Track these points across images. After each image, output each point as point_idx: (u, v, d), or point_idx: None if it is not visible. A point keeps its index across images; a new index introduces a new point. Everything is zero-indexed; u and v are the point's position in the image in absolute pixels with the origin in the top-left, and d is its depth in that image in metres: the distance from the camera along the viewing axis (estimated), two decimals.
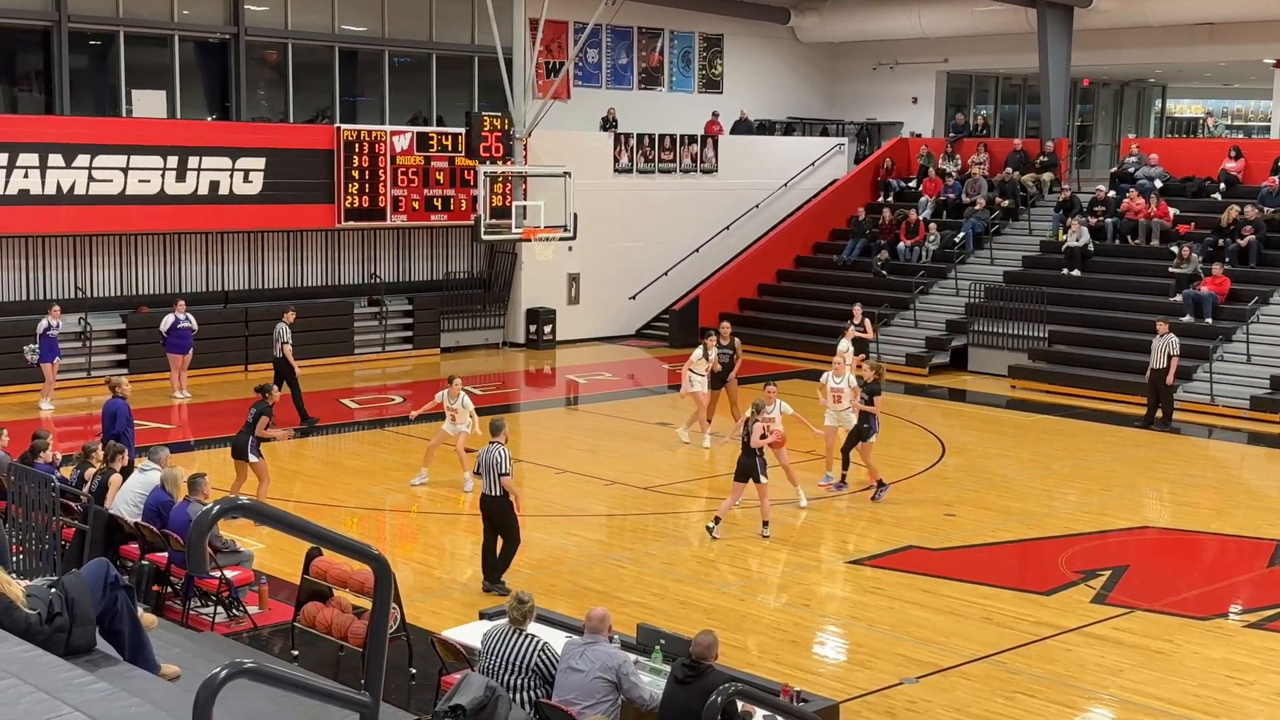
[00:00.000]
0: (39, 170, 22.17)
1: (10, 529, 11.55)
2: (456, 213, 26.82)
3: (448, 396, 16.53)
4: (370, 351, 26.28)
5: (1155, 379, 20.79)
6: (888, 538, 14.72)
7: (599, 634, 8.31)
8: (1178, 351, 20.69)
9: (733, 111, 32.91)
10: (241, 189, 24.35)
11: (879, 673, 10.85)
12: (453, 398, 16.48)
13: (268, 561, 12.71)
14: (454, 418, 16.50)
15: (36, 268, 23.23)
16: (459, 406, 16.47)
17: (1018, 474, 18.00)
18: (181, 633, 9.59)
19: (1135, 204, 26.70)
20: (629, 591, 12.99)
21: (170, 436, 18.85)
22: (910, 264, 28.42)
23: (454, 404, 16.48)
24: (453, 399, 16.48)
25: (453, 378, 17.01)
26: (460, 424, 16.50)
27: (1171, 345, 20.63)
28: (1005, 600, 12.71)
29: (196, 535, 4.31)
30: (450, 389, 16.57)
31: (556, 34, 29.81)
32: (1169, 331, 20.86)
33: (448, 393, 16.57)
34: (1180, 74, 37.69)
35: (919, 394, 23.96)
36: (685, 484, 16.82)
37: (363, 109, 28.15)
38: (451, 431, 16.57)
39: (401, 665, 10.34)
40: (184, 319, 21.70)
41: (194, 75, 26.26)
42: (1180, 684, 10.74)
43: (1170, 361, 20.54)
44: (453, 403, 16.48)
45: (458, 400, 16.47)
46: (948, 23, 32.09)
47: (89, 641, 5.81)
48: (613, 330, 29.44)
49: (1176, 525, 15.84)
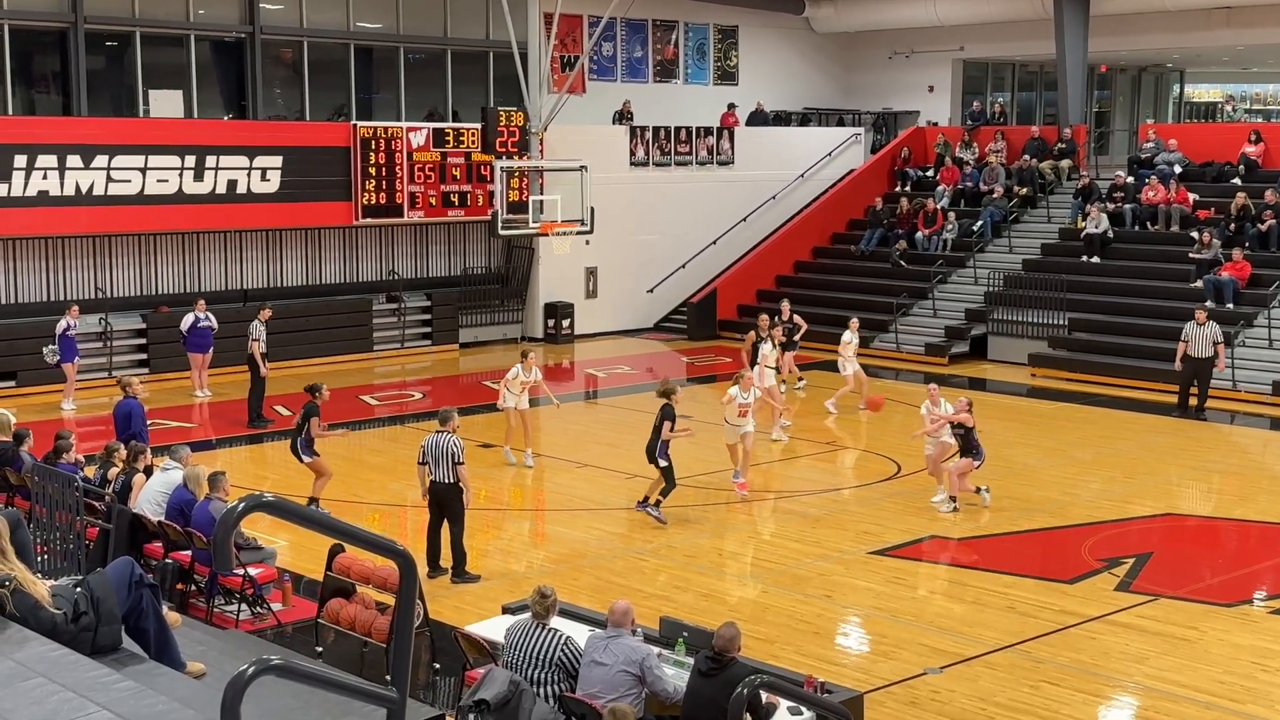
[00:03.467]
0: (58, 171, 22.26)
1: (35, 529, 11.61)
2: (473, 208, 26.84)
3: (522, 371, 17.09)
4: (389, 348, 26.32)
5: (1197, 368, 20.58)
6: (909, 528, 14.69)
7: (622, 627, 8.31)
8: (1222, 339, 20.71)
9: (748, 103, 32.85)
10: (259, 187, 24.41)
11: (903, 663, 10.83)
12: (527, 371, 17.11)
13: (291, 558, 12.76)
14: (526, 389, 17.16)
15: (56, 269, 23.33)
16: (533, 378, 17.20)
17: (1039, 462, 17.94)
18: (206, 630, 9.61)
19: (1155, 190, 26.58)
20: (651, 584, 13.00)
21: (191, 435, 18.93)
22: (928, 253, 28.34)
23: (529, 377, 17.13)
24: (528, 372, 17.11)
25: (526, 351, 17.62)
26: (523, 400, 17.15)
27: (1216, 333, 20.60)
28: (1028, 589, 12.68)
29: (222, 533, 4.32)
30: (524, 363, 17.15)
31: (571, 28, 29.79)
32: (1209, 320, 20.78)
33: (521, 367, 17.13)
34: (1198, 58, 37.47)
35: (939, 383, 23.84)
36: (705, 476, 16.80)
37: (378, 106, 28.19)
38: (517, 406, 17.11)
39: (425, 660, 10.37)
40: (204, 318, 21.75)
41: (210, 74, 26.33)
42: (1205, 671, 10.70)
43: (1217, 349, 20.49)
44: (528, 376, 17.11)
45: (532, 373, 17.17)
46: (963, 10, 31.95)
47: (115, 640, 5.84)
48: (631, 323, 29.43)
49: (1200, 512, 15.77)
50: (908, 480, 16.73)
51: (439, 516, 12.72)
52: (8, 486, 13.33)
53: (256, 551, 11.86)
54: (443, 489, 12.59)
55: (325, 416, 15.24)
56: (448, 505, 12.62)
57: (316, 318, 25.35)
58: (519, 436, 17.39)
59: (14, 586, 5.64)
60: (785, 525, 15.05)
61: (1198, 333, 20.58)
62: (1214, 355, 20.54)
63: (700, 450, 18.16)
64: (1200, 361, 20.57)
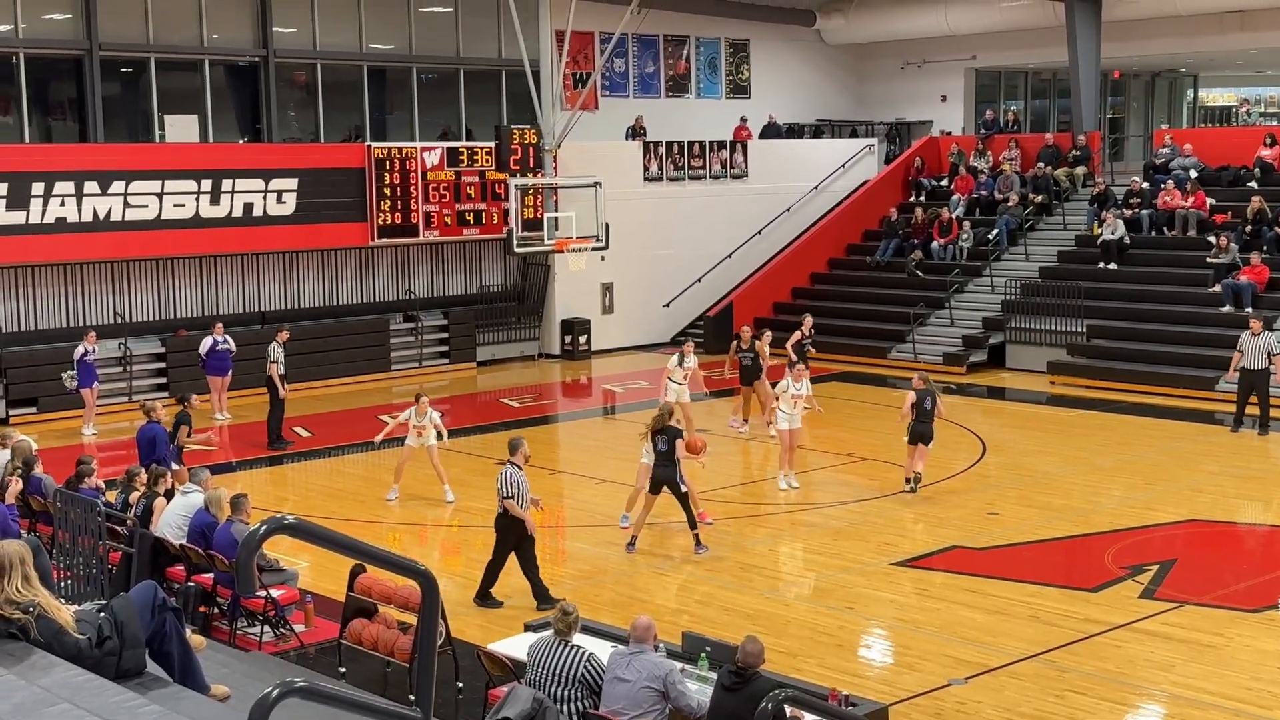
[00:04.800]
0: (75, 198, 22.38)
1: (58, 554, 11.65)
2: (489, 226, 26.90)
3: (415, 415, 16.43)
4: (407, 367, 26.37)
5: (1253, 380, 19.78)
6: (931, 538, 14.65)
7: (644, 643, 8.30)
8: (1277, 349, 19.74)
9: (761, 116, 32.88)
10: (275, 210, 24.52)
11: (927, 674, 10.78)
12: (420, 415, 16.41)
13: (312, 579, 12.77)
14: (420, 433, 16.43)
15: (76, 294, 23.44)
16: (427, 423, 16.41)
17: (1060, 470, 17.87)
18: (229, 653, 9.63)
19: (1172, 196, 26.50)
20: (673, 599, 12.98)
21: (212, 458, 18.97)
22: (944, 263, 28.30)
23: (421, 421, 16.40)
24: (420, 417, 16.40)
25: (420, 395, 16.91)
26: (427, 439, 16.45)
27: (1272, 343, 19.73)
28: (1052, 598, 12.62)
29: (245, 555, 4.33)
30: (418, 406, 16.47)
31: (582, 45, 29.88)
32: (1263, 329, 20.00)
33: (415, 410, 16.47)
34: (1212, 63, 37.36)
35: (958, 393, 23.83)
36: (724, 490, 16.79)
37: (392, 126, 28.30)
38: (416, 445, 16.51)
39: (448, 679, 10.36)
40: (222, 341, 21.81)
41: (225, 99, 26.47)
42: (1233, 678, 10.64)
43: (1272, 360, 19.65)
44: (420, 420, 16.40)
45: (425, 417, 16.40)
46: (975, 19, 31.96)
47: (139, 664, 5.84)
48: (648, 338, 29.43)
49: (1223, 517, 15.68)
50: (928, 490, 16.67)
51: (504, 548, 12.48)
52: (29, 512, 13.38)
53: (278, 573, 11.88)
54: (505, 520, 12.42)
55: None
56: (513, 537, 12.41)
57: (334, 338, 25.42)
58: None
59: (38, 613, 5.65)
60: (806, 537, 15.02)
61: (1252, 343, 19.80)
62: (1268, 367, 19.63)
63: (719, 464, 18.16)
64: (1255, 374, 19.71)
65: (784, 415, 16.89)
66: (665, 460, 13.94)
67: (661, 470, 13.94)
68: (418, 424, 16.41)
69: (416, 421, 16.41)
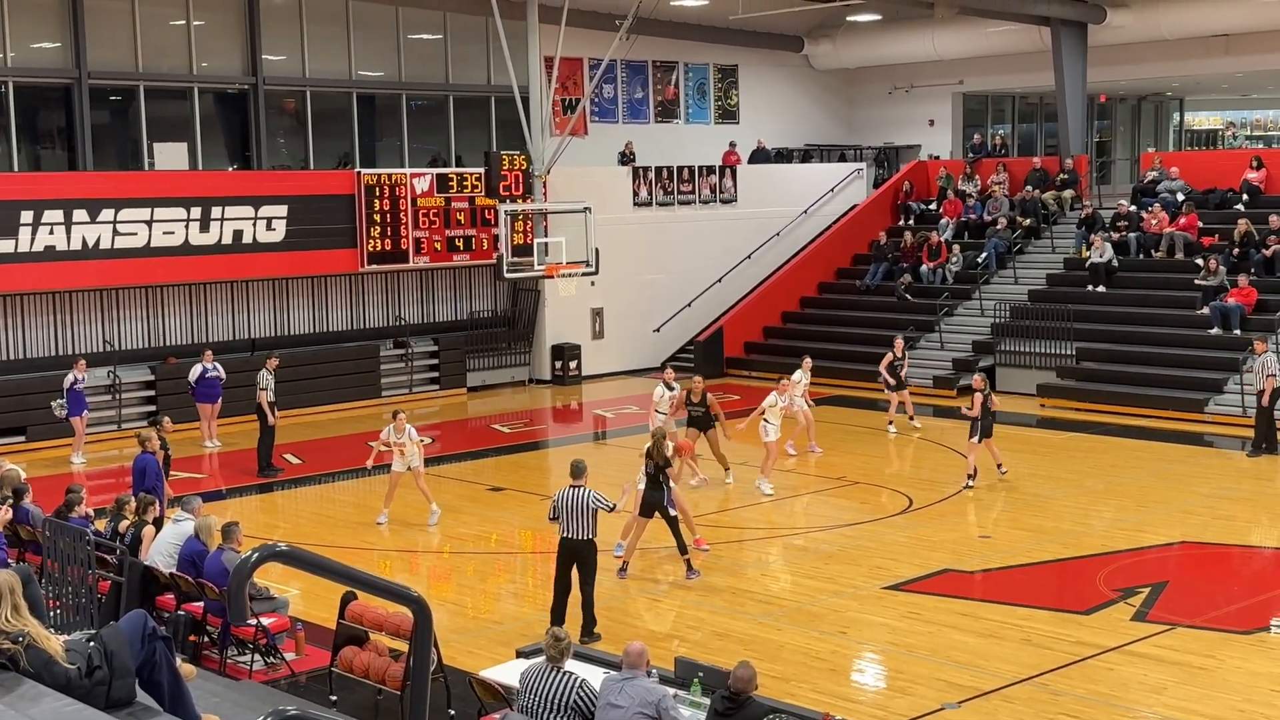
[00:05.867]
0: (64, 226, 22.35)
1: (47, 584, 11.59)
2: (479, 252, 26.92)
3: (393, 432, 16.37)
4: (397, 393, 26.34)
5: None
6: (923, 562, 14.63)
7: (637, 669, 8.27)
8: (1275, 370, 19.59)
9: (750, 141, 32.98)
10: (265, 237, 24.51)
11: (920, 699, 10.76)
12: (398, 432, 16.33)
13: (303, 607, 12.73)
14: (401, 452, 16.37)
15: (64, 323, 23.39)
16: (405, 440, 16.33)
17: (1051, 493, 17.88)
18: (220, 682, 9.58)
19: (1159, 218, 26.62)
20: (665, 625, 12.95)
21: (202, 486, 18.92)
22: (934, 286, 28.36)
23: (400, 438, 16.32)
24: (398, 434, 16.33)
25: (396, 412, 16.86)
26: (410, 458, 16.39)
27: (1269, 364, 19.63)
28: (1044, 621, 12.61)
29: (236, 583, 4.32)
30: (395, 424, 16.41)
31: (572, 71, 29.97)
32: (1267, 350, 20.01)
33: (393, 428, 16.41)
34: (1198, 86, 37.60)
35: (948, 416, 23.84)
36: (715, 515, 16.77)
37: (382, 152, 28.33)
38: (401, 468, 16.42)
39: (440, 706, 10.30)
40: (212, 368, 21.77)
41: (214, 126, 26.50)
42: (1225, 699, 10.63)
43: (1266, 382, 19.53)
44: (399, 437, 16.32)
45: (404, 434, 16.33)
46: (962, 44, 32.11)
47: (129, 694, 5.80)
48: (638, 363, 29.44)
49: (1214, 539, 15.69)
50: (919, 514, 16.68)
51: (569, 572, 12.26)
52: (18, 541, 13.33)
53: (269, 601, 11.83)
54: (578, 545, 12.18)
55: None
56: (584, 561, 12.21)
57: (324, 365, 25.40)
58: None
59: (27, 642, 5.62)
60: (798, 562, 15.00)
61: (1255, 364, 19.76)
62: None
63: (711, 489, 18.15)
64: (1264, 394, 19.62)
65: (772, 426, 17.59)
66: (655, 484, 13.92)
67: (651, 494, 13.92)
68: (397, 441, 16.34)
69: (395, 439, 16.35)
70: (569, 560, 12.25)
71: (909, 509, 17.03)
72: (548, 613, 12.40)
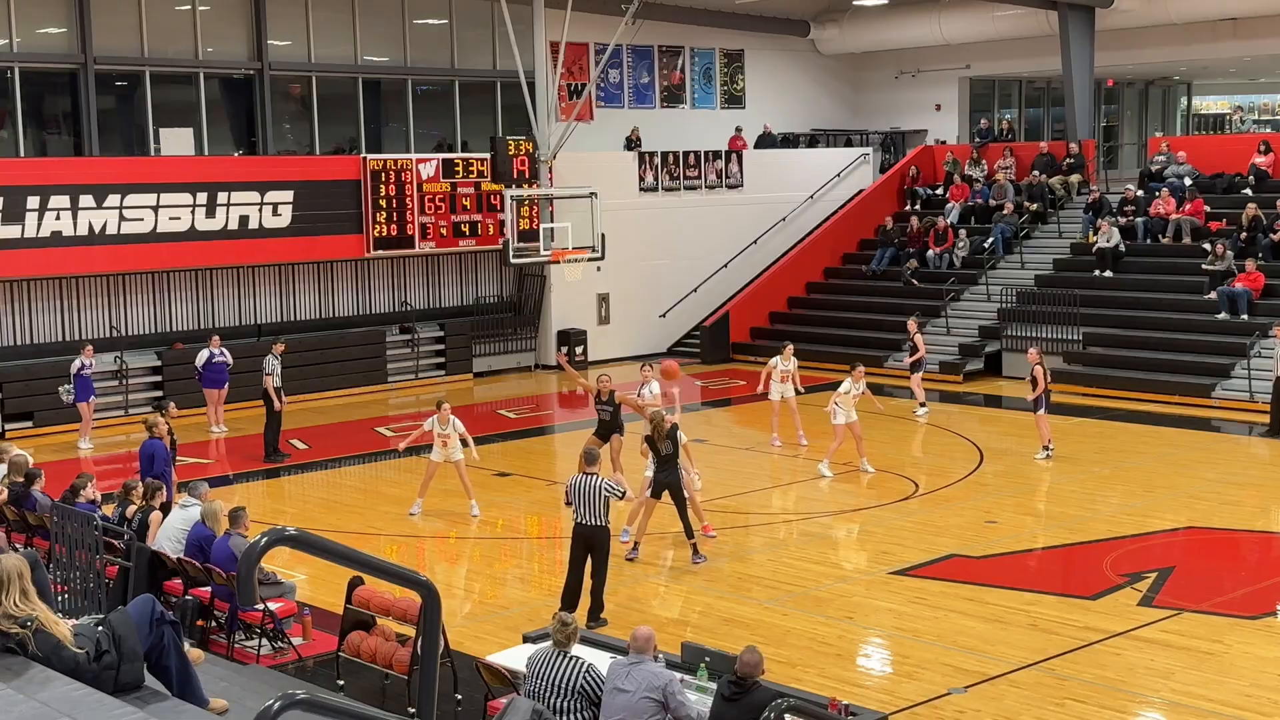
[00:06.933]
0: (70, 212, 22.37)
1: (55, 569, 11.62)
2: (484, 237, 26.91)
3: (437, 423, 15.81)
4: (403, 379, 26.36)
5: None
6: (929, 547, 14.63)
7: (644, 654, 8.28)
8: None
9: (756, 126, 32.91)
10: (271, 222, 24.51)
11: (926, 683, 10.77)
12: (443, 423, 15.79)
13: (310, 592, 12.75)
14: (445, 443, 15.83)
15: (71, 308, 23.42)
16: (450, 431, 15.81)
17: (1057, 478, 17.87)
18: (227, 666, 9.61)
19: (1166, 203, 26.55)
20: (672, 609, 12.97)
21: (209, 471, 18.95)
22: (940, 271, 28.32)
23: (445, 430, 15.79)
24: (443, 425, 15.78)
25: (441, 401, 16.27)
26: (452, 449, 15.86)
27: None
28: (1051, 606, 12.61)
29: (245, 567, 4.32)
30: (440, 414, 15.82)
31: (577, 56, 29.91)
32: None
33: (437, 419, 15.83)
34: (1205, 70, 37.47)
35: (954, 401, 23.87)
36: (723, 500, 16.77)
37: (388, 138, 28.31)
38: (440, 459, 15.91)
39: (447, 691, 10.33)
40: (219, 354, 21.78)
41: (220, 112, 26.48)
42: (1232, 684, 10.63)
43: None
44: (443, 429, 15.79)
45: (448, 425, 15.81)
46: (968, 29, 32.01)
47: (137, 678, 5.82)
48: (644, 349, 29.40)
49: (1221, 524, 15.68)
50: (926, 499, 16.68)
51: (583, 558, 12.24)
52: (26, 527, 13.36)
53: (276, 586, 11.85)
54: (591, 530, 12.17)
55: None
56: (597, 548, 12.21)
57: (330, 350, 25.41)
58: None
59: (35, 627, 5.64)
60: (804, 547, 15.01)
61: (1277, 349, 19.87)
62: None
63: (716, 474, 18.15)
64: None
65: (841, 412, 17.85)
66: (667, 465, 13.93)
67: (664, 475, 13.93)
68: (441, 433, 15.81)
69: (440, 430, 15.82)
70: (581, 547, 12.26)
71: (915, 494, 17.02)
72: (554, 598, 12.42)
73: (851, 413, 17.92)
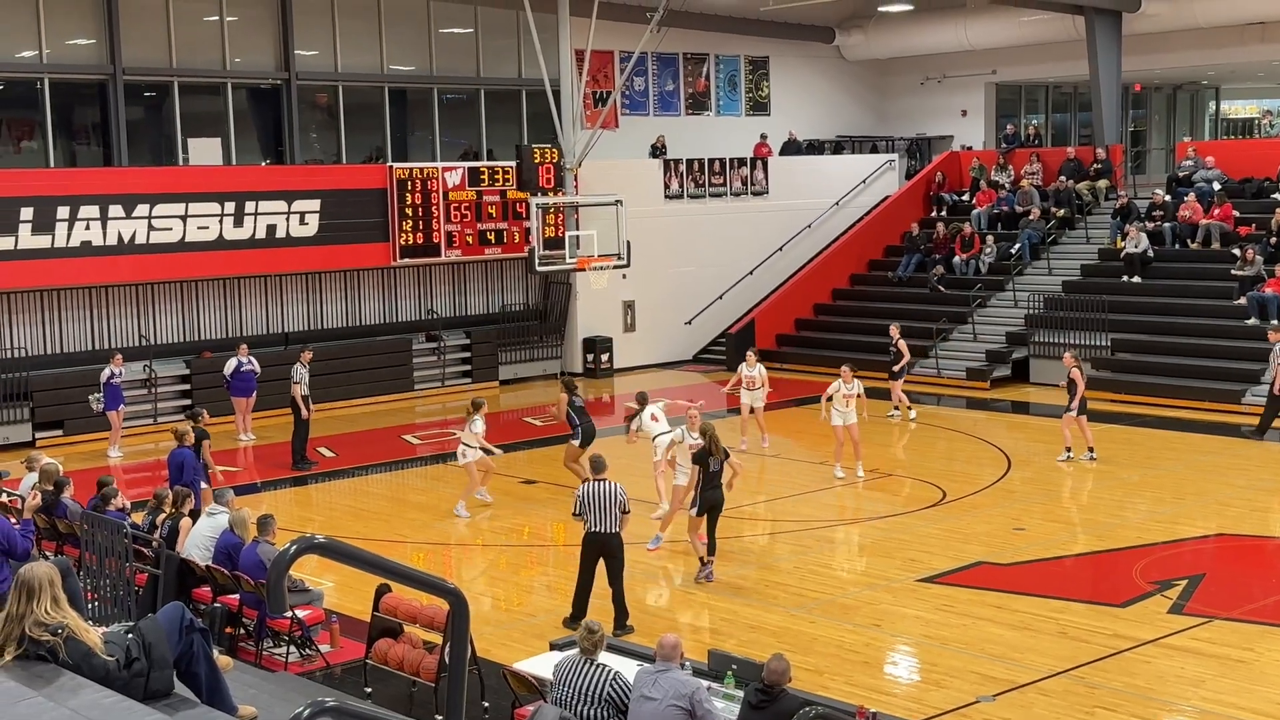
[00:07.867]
0: (100, 221, 22.51)
1: (85, 576, 11.69)
2: (510, 245, 26.97)
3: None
4: (430, 387, 26.42)
5: None
6: (956, 554, 14.58)
7: (671, 661, 8.27)
8: None
9: (781, 132, 32.90)
10: (298, 231, 24.62)
11: (955, 691, 10.72)
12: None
13: (337, 600, 12.79)
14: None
15: (101, 317, 23.57)
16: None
17: (1086, 485, 17.78)
18: (256, 673, 9.65)
19: (1195, 208, 26.40)
20: (698, 617, 12.95)
21: (237, 479, 19.02)
22: (967, 277, 28.23)
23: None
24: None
25: (480, 403, 17.06)
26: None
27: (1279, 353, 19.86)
28: (1080, 613, 12.54)
29: (276, 574, 4.34)
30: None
31: (602, 64, 29.96)
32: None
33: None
34: (1233, 74, 37.27)
35: (981, 408, 23.78)
36: (748, 507, 16.75)
37: (414, 146, 28.41)
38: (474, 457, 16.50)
39: (474, 699, 10.34)
40: (246, 362, 21.89)
41: (247, 121, 26.63)
42: (1264, 692, 10.55)
43: (1277, 371, 19.72)
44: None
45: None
46: (994, 34, 31.93)
47: (167, 685, 5.85)
48: (670, 356, 29.44)
49: (1251, 531, 15.57)
50: (953, 506, 16.62)
51: (594, 566, 12.24)
52: (56, 534, 13.45)
53: (304, 594, 11.89)
54: (606, 538, 12.17)
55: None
56: (611, 556, 12.20)
57: (357, 359, 25.50)
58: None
59: (66, 634, 5.67)
60: (831, 554, 14.98)
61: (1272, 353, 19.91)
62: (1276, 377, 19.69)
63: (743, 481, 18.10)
64: None
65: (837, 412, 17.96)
66: (716, 481, 13.84)
67: (714, 492, 13.79)
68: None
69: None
70: (595, 555, 12.26)
71: (942, 501, 16.96)
72: None
73: (850, 414, 17.88)
